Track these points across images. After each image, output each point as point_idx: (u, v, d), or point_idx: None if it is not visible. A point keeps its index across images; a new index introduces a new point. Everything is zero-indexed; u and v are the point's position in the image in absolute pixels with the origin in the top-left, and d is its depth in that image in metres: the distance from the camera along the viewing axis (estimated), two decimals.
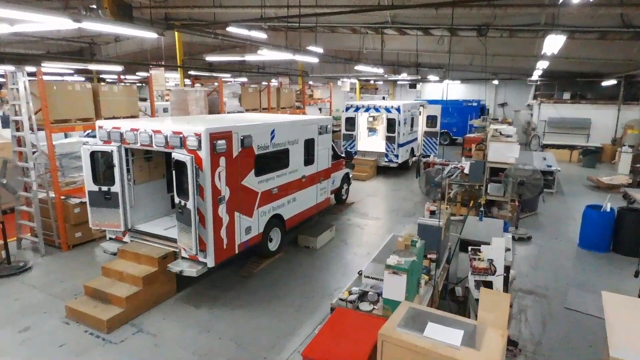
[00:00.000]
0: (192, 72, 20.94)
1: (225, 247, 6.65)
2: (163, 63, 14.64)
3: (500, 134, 11.18)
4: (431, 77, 24.29)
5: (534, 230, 9.99)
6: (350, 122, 16.60)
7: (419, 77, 23.53)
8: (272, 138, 7.64)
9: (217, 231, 6.43)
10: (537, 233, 9.88)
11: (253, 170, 7.17)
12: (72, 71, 23.16)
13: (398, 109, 15.80)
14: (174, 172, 6.32)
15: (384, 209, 12.07)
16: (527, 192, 9.43)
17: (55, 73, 21.94)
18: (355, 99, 32.05)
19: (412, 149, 17.92)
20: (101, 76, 26.74)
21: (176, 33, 13.81)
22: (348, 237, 9.65)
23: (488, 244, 5.60)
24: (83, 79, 23.24)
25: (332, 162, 10.82)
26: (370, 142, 17.55)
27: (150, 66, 13.15)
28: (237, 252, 6.98)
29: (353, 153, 11.11)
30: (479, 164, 10.09)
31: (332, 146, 11.14)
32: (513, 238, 9.26)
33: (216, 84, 13.49)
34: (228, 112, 13.02)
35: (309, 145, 9.11)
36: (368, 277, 4.98)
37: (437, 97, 31.34)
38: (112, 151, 6.82)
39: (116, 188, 6.97)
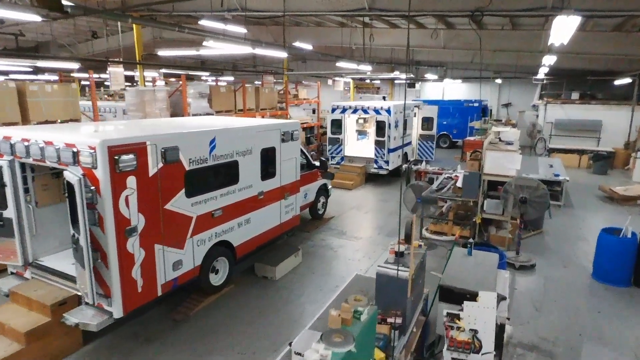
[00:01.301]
0: (165, 71, 19.53)
1: (140, 290, 5.20)
2: (121, 60, 13.22)
3: (500, 140, 9.65)
4: (429, 76, 22.73)
5: (538, 255, 8.46)
6: (337, 125, 15.11)
7: (413, 75, 21.98)
8: (213, 149, 6.17)
9: (126, 271, 4.97)
10: (542, 259, 8.35)
11: (183, 191, 5.71)
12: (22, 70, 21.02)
13: (388, 111, 14.29)
14: (66, 196, 4.88)
15: (366, 225, 10.58)
16: (531, 211, 7.90)
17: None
18: (351, 99, 30.56)
19: (406, 154, 16.40)
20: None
21: (134, 26, 12.38)
22: (317, 263, 8.16)
23: (476, 295, 4.14)
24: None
25: (303, 172, 9.40)
26: (359, 146, 16.05)
27: (109, 63, 11.74)
28: (160, 294, 5.52)
29: (328, 161, 9.68)
30: (473, 176, 8.57)
31: (306, 155, 9.69)
32: (513, 267, 7.77)
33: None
34: (193, 115, 11.59)
35: (269, 155, 7.64)
36: (298, 354, 3.50)
37: (438, 97, 29.78)
38: (1, 167, 5.39)
39: (9, 213, 5.54)
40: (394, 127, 14.43)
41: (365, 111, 14.76)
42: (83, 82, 21.74)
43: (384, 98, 30.18)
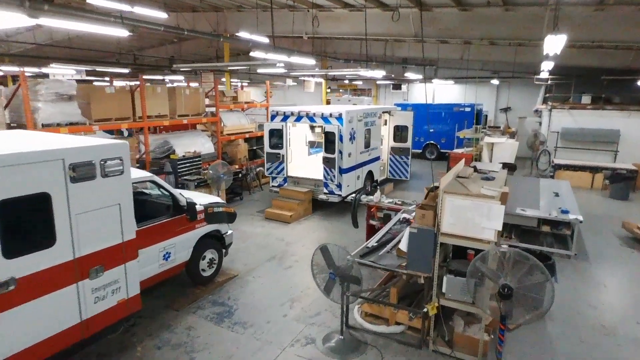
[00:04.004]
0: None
1: None
2: None
3: (477, 171, 6.11)
4: (411, 75, 19.19)
5: None
6: (277, 136, 11.62)
7: (384, 73, 18.37)
8: None
9: None
10: None
11: None
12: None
13: (339, 118, 10.79)
14: None
15: (281, 292, 7.04)
16: (518, 312, 4.39)
17: None
18: (341, 101, 27.04)
19: (371, 173, 12.87)
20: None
21: None
22: None
23: None
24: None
25: (164, 220, 5.96)
26: (311, 164, 12.54)
27: None
28: None
29: (196, 205, 6.15)
30: (424, 236, 5.04)
31: (170, 192, 6.25)
32: None
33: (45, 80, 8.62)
34: (43, 125, 8.16)
35: (36, 208, 4.19)
36: None
37: (428, 100, 26.24)
38: None
39: None
40: (347, 139, 10.92)
41: (311, 119, 11.26)
42: None
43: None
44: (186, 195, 6.96)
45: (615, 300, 6.87)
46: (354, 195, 8.77)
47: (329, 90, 30.96)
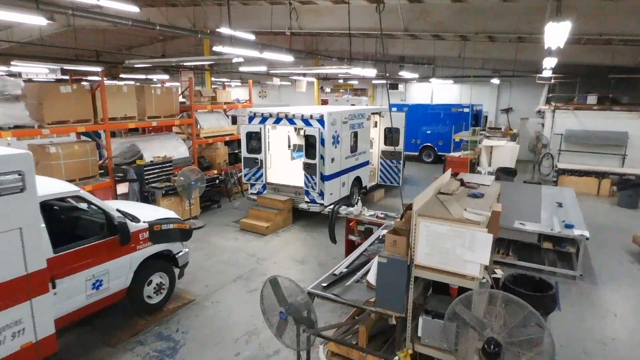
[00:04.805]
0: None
1: None
2: None
3: (463, 184, 5.15)
4: (405, 74, 18.20)
5: None
6: (256, 139, 10.69)
7: (377, 72, 17.44)
8: None
9: None
10: None
11: None
12: None
13: (321, 121, 9.85)
14: None
15: (240, 321, 6.10)
16: None
17: None
18: (339, 101, 26.06)
19: (359, 180, 11.91)
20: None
21: None
22: None
23: None
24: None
25: (93, 241, 5.07)
26: (291, 170, 11.59)
27: None
28: None
29: (126, 226, 5.18)
30: (396, 267, 4.10)
31: (103, 210, 5.34)
32: None
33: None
34: None
35: None
36: None
37: (427, 100, 25.25)
38: None
39: None
40: (330, 143, 9.98)
41: (290, 121, 10.31)
42: None
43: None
44: (131, 210, 6.05)
45: (627, 335, 5.89)
46: (331, 206, 7.84)
47: (328, 91, 30.05)
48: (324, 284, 4.89)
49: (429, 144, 20.00)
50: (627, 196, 12.54)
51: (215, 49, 8.19)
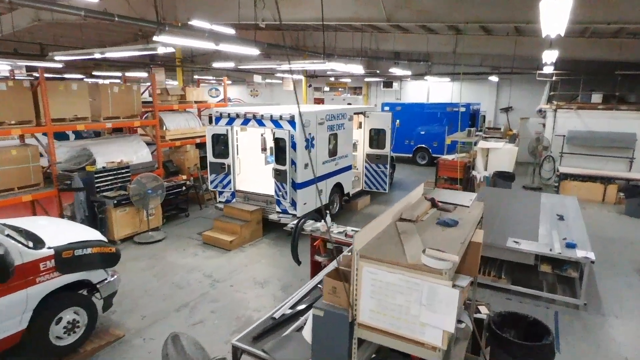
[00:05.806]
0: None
1: None
2: None
3: (435, 205, 4.05)
4: (396, 71, 17.08)
5: None
6: (222, 142, 9.62)
7: (364, 69, 16.34)
8: None
9: None
10: None
11: None
12: None
13: (291, 121, 8.77)
14: None
15: None
16: None
17: None
18: (335, 100, 24.95)
19: (340, 186, 10.83)
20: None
21: None
22: None
23: None
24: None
25: None
26: (264, 176, 10.49)
27: None
28: None
29: (9, 263, 4.16)
30: (335, 323, 3.03)
31: None
32: None
33: None
34: None
35: None
36: None
37: (423, 99, 24.13)
38: None
39: None
40: (302, 147, 8.87)
41: (259, 122, 9.24)
42: None
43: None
44: (41, 230, 5.00)
45: None
46: (293, 224, 6.76)
47: (327, 89, 28.96)
48: (255, 335, 3.82)
49: (423, 145, 18.89)
50: (635, 204, 11.41)
51: (155, 38, 7.13)
